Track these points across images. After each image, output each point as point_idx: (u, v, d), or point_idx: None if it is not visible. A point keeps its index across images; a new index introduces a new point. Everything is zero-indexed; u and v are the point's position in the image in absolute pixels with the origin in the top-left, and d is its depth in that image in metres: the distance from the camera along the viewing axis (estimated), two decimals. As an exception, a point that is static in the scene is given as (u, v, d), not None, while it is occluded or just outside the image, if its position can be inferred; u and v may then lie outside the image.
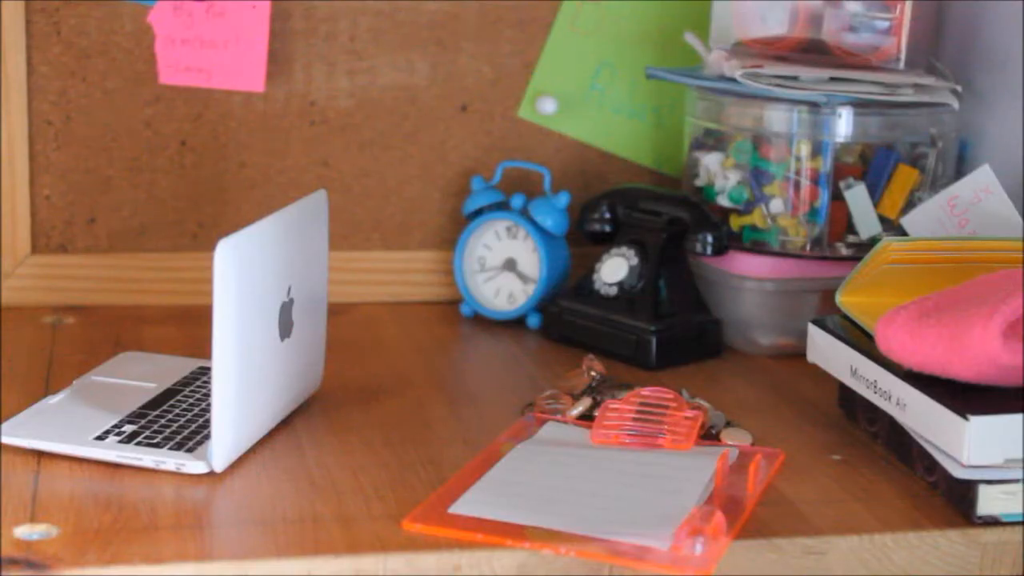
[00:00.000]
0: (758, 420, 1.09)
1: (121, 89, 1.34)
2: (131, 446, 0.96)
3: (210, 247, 0.93)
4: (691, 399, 1.09)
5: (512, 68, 1.41)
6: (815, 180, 1.25)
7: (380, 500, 0.91)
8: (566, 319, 1.28)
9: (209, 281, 0.91)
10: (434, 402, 1.12)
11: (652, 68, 1.34)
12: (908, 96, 1.24)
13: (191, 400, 1.06)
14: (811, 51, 1.27)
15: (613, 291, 1.27)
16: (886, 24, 1.25)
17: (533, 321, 1.33)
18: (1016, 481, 0.90)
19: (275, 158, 1.38)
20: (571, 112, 1.43)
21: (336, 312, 1.23)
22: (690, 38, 1.35)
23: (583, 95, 1.43)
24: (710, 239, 1.26)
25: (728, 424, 1.06)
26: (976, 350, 0.91)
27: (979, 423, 0.89)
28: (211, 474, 0.94)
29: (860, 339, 1.04)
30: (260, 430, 1.00)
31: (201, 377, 1.11)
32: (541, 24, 1.41)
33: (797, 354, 1.16)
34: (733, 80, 1.25)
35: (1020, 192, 1.21)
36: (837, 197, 1.26)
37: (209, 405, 0.99)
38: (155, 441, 0.97)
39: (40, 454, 0.97)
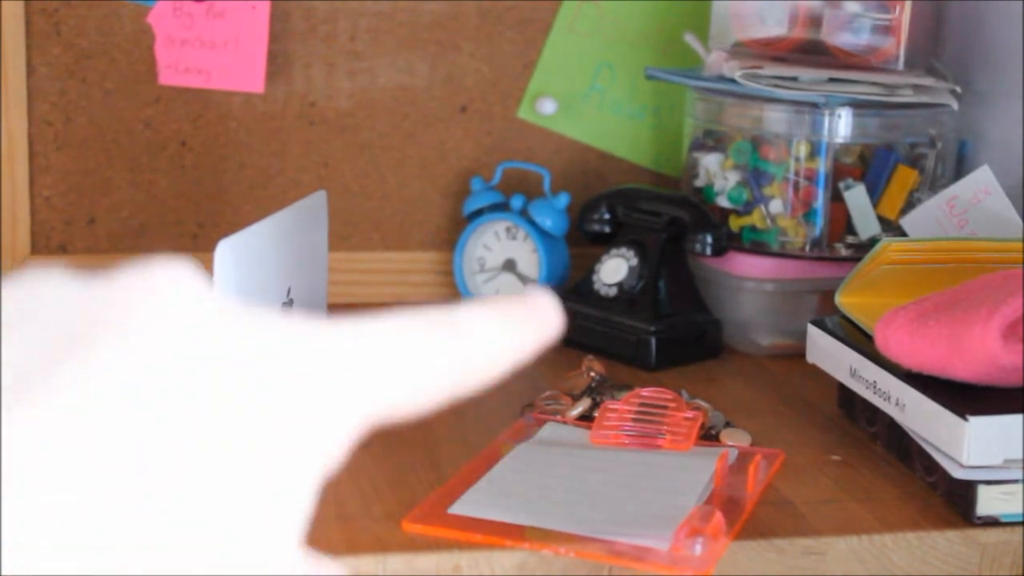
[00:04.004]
0: (758, 420, 1.09)
1: (121, 90, 1.34)
2: (131, 446, 0.96)
3: (210, 248, 0.93)
4: (691, 399, 1.09)
5: (512, 68, 1.41)
6: (814, 181, 1.25)
7: (379, 500, 0.91)
8: (565, 320, 1.28)
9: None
10: (434, 402, 1.12)
11: (652, 69, 1.34)
12: (907, 97, 1.24)
13: (191, 400, 1.05)
14: (810, 52, 1.27)
15: (612, 292, 1.27)
16: (885, 25, 1.25)
17: (533, 321, 1.33)
18: (1016, 481, 0.90)
19: (275, 159, 1.38)
20: (571, 113, 1.43)
21: (336, 313, 1.23)
22: (689, 39, 1.35)
23: (583, 96, 1.43)
24: (710, 239, 1.26)
25: (727, 424, 1.06)
26: (976, 350, 0.91)
27: (979, 423, 0.89)
28: (211, 474, 0.94)
29: (860, 340, 1.04)
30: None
31: (201, 377, 1.10)
32: (541, 24, 1.41)
33: (797, 355, 1.16)
34: (732, 81, 1.25)
35: (1020, 192, 1.21)
36: (836, 198, 1.26)
37: (209, 405, 0.99)
38: (155, 441, 0.97)
39: (40, 454, 0.97)
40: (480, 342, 0.36)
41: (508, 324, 0.37)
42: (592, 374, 1.13)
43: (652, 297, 1.25)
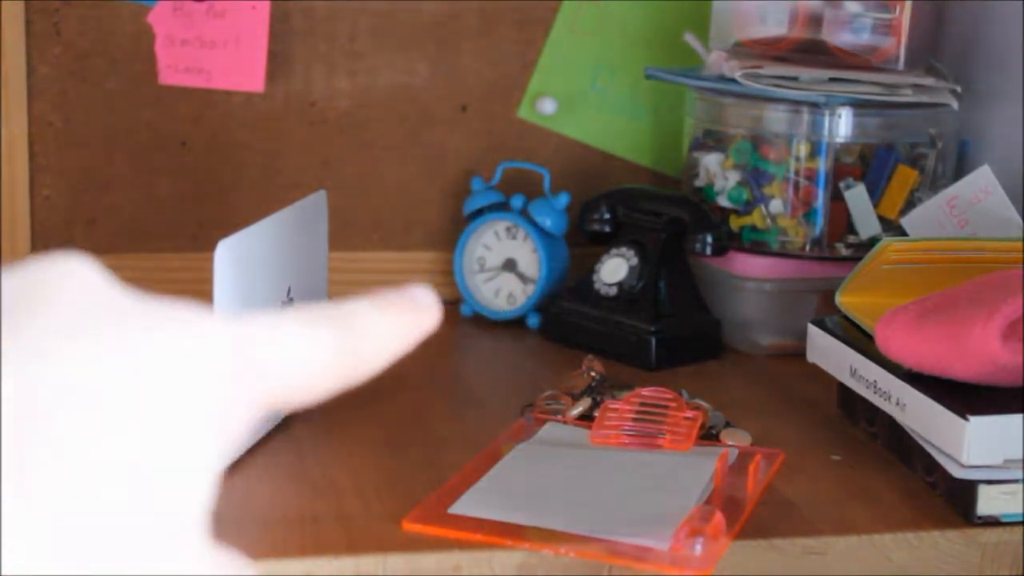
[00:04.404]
0: (758, 420, 1.08)
1: (121, 89, 1.34)
2: (131, 446, 0.96)
3: (210, 247, 0.93)
4: (691, 399, 1.09)
5: (512, 68, 1.41)
6: (814, 180, 1.25)
7: (380, 500, 0.91)
8: (566, 319, 1.28)
9: (209, 282, 0.91)
10: (434, 402, 1.12)
11: (652, 69, 1.34)
12: (907, 96, 1.24)
13: (191, 400, 1.05)
14: (811, 51, 1.27)
15: (613, 291, 1.27)
16: (886, 24, 1.25)
17: (533, 321, 1.33)
18: (1016, 481, 0.90)
19: (275, 158, 1.38)
20: (571, 112, 1.43)
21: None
22: (690, 39, 1.35)
23: (583, 95, 1.43)
24: (710, 239, 1.26)
25: (728, 424, 1.06)
26: (976, 350, 0.91)
27: (979, 423, 0.89)
28: (211, 474, 0.94)
29: (860, 339, 1.04)
30: (259, 430, 1.00)
31: (201, 377, 1.10)
32: (541, 24, 1.41)
33: (797, 354, 1.15)
34: (733, 81, 1.25)
35: (1020, 192, 1.21)
36: (837, 197, 1.26)
37: (209, 405, 0.99)
38: (155, 441, 0.97)
39: (40, 454, 0.97)
40: (365, 333, 0.38)
41: (390, 316, 0.39)
42: (592, 374, 1.13)
43: (652, 297, 1.25)
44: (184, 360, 0.33)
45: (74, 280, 0.34)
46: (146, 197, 1.36)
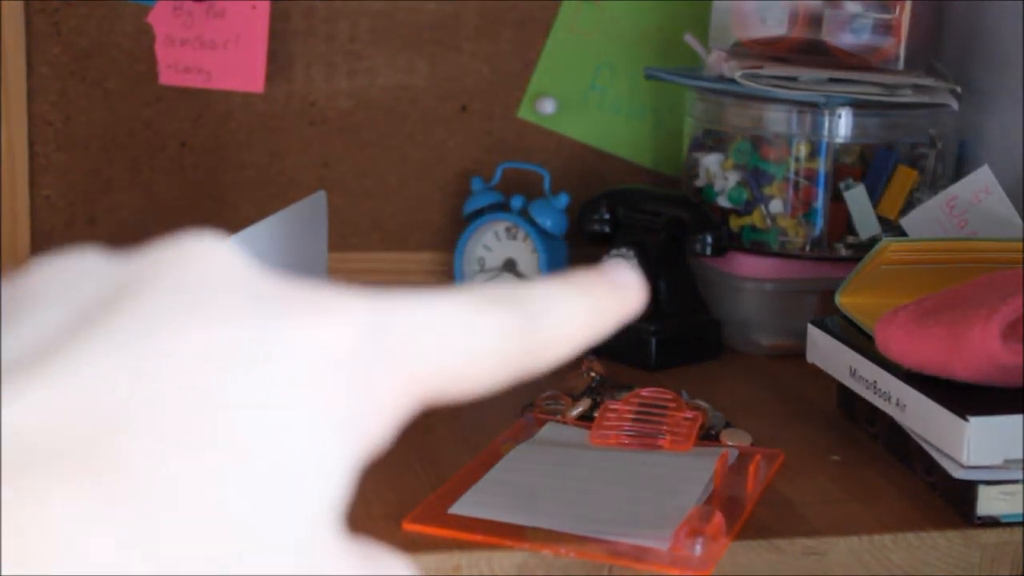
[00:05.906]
0: (758, 420, 1.08)
1: (121, 89, 1.34)
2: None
3: (210, 248, 0.93)
4: (691, 400, 1.09)
5: (512, 68, 1.41)
6: (814, 181, 1.25)
7: (380, 501, 0.91)
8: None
9: (209, 282, 0.91)
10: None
11: (651, 69, 1.34)
12: (907, 97, 1.24)
13: (191, 400, 1.05)
14: (810, 52, 1.27)
15: (613, 291, 1.26)
16: (886, 24, 1.25)
17: (533, 321, 1.32)
18: (1016, 481, 0.90)
19: (275, 158, 1.38)
20: (571, 113, 1.43)
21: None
22: (689, 39, 1.35)
23: (582, 96, 1.43)
24: (710, 239, 1.26)
25: (727, 424, 1.06)
26: (976, 350, 0.91)
27: (979, 423, 0.89)
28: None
29: (860, 340, 1.04)
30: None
31: (201, 377, 1.10)
32: (541, 24, 1.41)
33: (797, 354, 1.15)
34: (732, 81, 1.25)
35: (1020, 192, 1.21)
36: (836, 198, 1.26)
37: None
38: (155, 441, 0.97)
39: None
40: (544, 316, 0.34)
41: (579, 297, 0.35)
42: (592, 374, 1.13)
43: (652, 297, 1.25)
44: (315, 346, 0.30)
45: (207, 259, 0.31)
46: (146, 197, 1.36)
